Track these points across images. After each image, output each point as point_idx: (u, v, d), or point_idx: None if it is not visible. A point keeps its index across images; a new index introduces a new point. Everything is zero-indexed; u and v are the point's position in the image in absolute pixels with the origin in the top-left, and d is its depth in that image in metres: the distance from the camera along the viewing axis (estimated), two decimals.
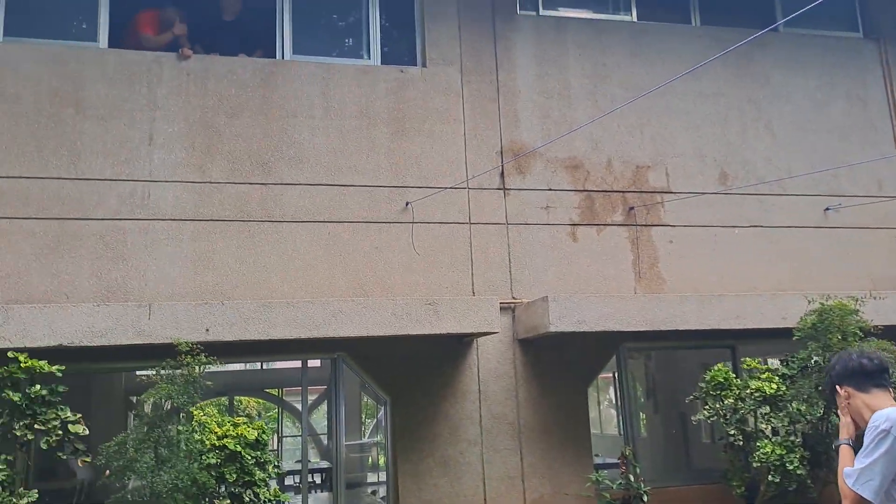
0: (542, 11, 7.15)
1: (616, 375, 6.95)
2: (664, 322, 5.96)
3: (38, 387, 4.89)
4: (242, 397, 9.01)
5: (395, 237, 6.27)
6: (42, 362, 4.89)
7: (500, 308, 5.91)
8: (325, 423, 9.07)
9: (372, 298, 5.83)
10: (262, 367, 7.82)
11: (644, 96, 6.09)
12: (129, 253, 5.71)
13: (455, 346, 6.15)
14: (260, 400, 10.66)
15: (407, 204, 6.32)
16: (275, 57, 6.51)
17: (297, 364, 6.74)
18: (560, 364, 6.34)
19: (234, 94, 6.21)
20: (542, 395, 6.26)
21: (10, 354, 4.86)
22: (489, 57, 6.84)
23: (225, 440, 4.99)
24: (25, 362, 4.87)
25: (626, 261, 6.69)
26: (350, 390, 6.93)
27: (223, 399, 8.69)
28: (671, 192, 6.93)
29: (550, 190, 6.66)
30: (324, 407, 9.28)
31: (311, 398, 8.16)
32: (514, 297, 6.34)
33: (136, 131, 5.93)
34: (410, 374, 6.07)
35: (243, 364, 6.59)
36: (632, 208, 6.78)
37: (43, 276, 5.49)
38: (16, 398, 4.82)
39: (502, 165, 6.56)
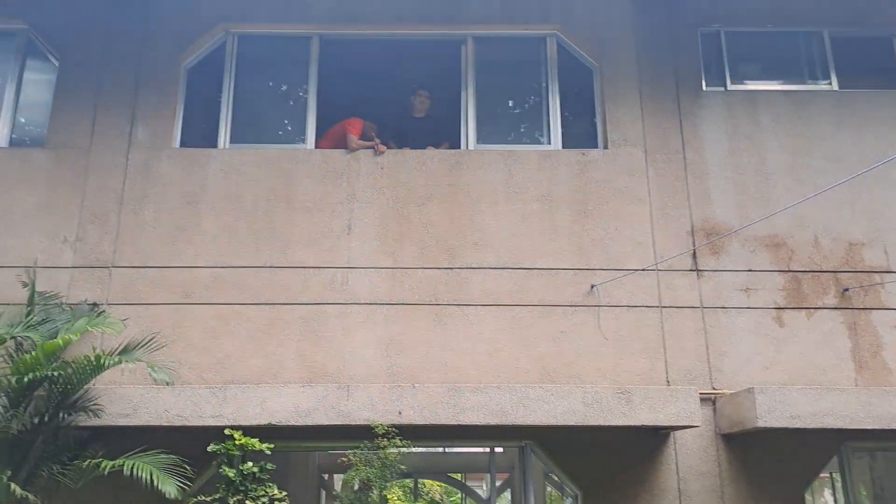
0: (729, 86, 6.87)
1: (836, 477, 6.12)
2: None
3: (250, 464, 5.21)
4: (426, 480, 9.03)
5: (581, 321, 6.11)
6: (254, 440, 5.23)
7: (700, 399, 5.47)
8: None
9: (560, 385, 5.65)
10: (444, 449, 7.84)
11: (860, 172, 5.56)
12: (330, 335, 6.03)
13: (650, 439, 5.76)
14: (443, 484, 10.63)
15: (592, 287, 6.16)
16: (460, 147, 6.78)
17: (480, 448, 6.67)
18: (771, 463, 5.70)
19: (423, 184, 6.50)
20: (752, 497, 5.62)
21: (226, 432, 5.25)
22: (675, 135, 6.64)
23: None
24: (240, 440, 5.24)
25: (843, 349, 5.98)
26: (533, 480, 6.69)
27: (407, 481, 8.77)
28: (892, 272, 6.18)
29: (750, 271, 6.19)
30: (506, 495, 9.05)
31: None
32: (714, 388, 5.86)
33: (337, 222, 6.36)
34: (602, 467, 5.74)
35: (424, 448, 6.66)
36: (846, 290, 6.11)
37: (256, 358, 5.93)
38: (231, 474, 5.16)
39: (694, 246, 6.23)
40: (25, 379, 5.04)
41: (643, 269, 6.13)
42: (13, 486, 4.86)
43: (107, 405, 5.45)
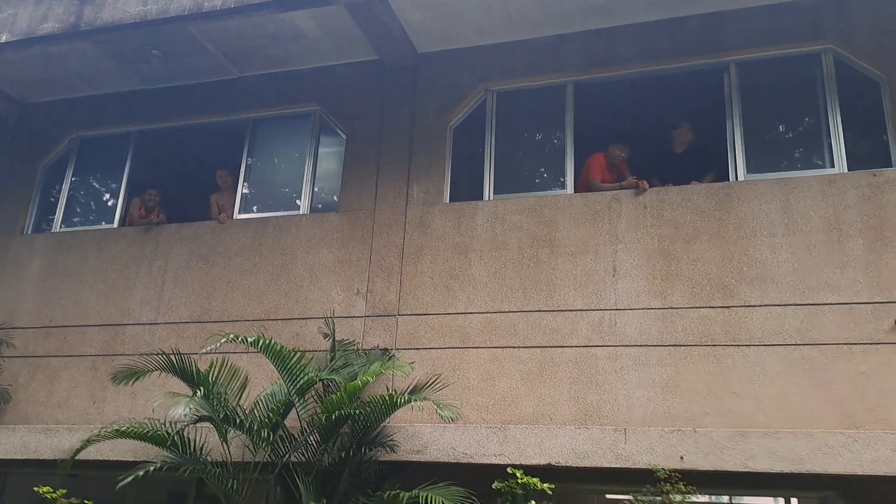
0: None
1: None
2: None
3: (532, 503, 5.79)
4: None
5: (886, 361, 5.86)
6: (535, 479, 5.79)
7: None
8: None
9: (866, 432, 5.49)
10: (730, 500, 7.71)
11: None
12: (601, 378, 6.47)
13: None
14: None
15: None
16: (727, 179, 6.94)
17: (772, 499, 6.58)
18: None
19: (689, 220, 6.76)
20: None
21: (509, 471, 5.89)
22: None
23: None
24: (522, 479, 5.84)
25: None
26: None
27: None
28: None
29: None
30: None
31: None
32: None
33: (600, 264, 6.86)
34: None
35: (708, 497, 6.70)
36: None
37: (530, 399, 6.56)
38: None
39: None
40: (333, 417, 6.16)
41: None
42: None
43: (401, 442, 6.44)
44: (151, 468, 6.14)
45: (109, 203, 9.04)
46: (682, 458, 5.70)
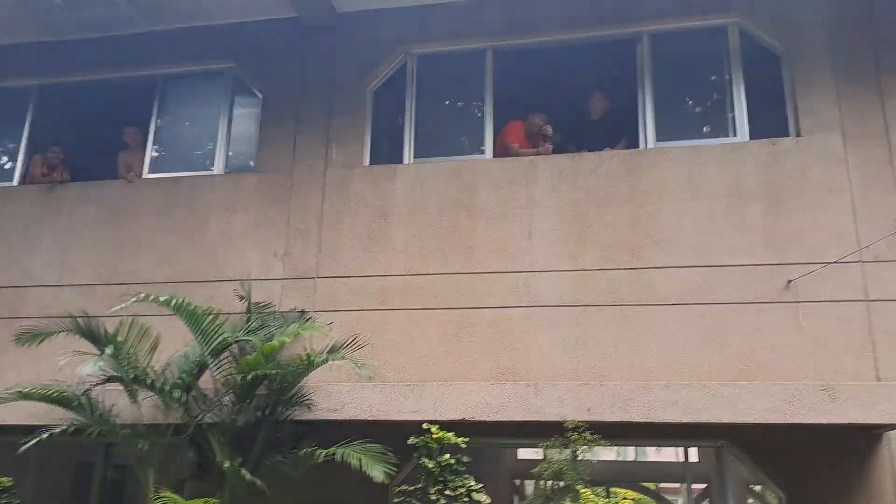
0: None
1: None
2: None
3: (447, 456, 6.01)
4: (618, 489, 9.44)
5: (778, 318, 6.34)
6: (450, 434, 6.02)
7: None
8: None
9: (756, 383, 5.94)
10: (636, 457, 8.23)
11: None
12: (515, 337, 6.73)
13: (859, 440, 5.87)
14: (636, 494, 10.91)
15: (789, 282, 6.38)
16: (638, 146, 7.28)
17: (675, 458, 7.04)
18: None
19: (601, 186, 7.07)
20: None
21: (424, 426, 6.10)
22: (876, 119, 6.70)
23: None
24: (437, 433, 6.06)
25: None
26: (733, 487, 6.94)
27: (599, 490, 9.15)
28: None
29: None
30: None
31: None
32: None
33: (517, 228, 7.09)
34: (808, 468, 5.94)
35: (617, 455, 7.13)
36: None
37: (447, 358, 6.77)
38: (430, 465, 5.99)
39: None
40: (249, 377, 6.19)
41: (844, 262, 6.25)
42: (243, 471, 6.00)
43: (318, 401, 6.53)
44: (57, 430, 6.05)
45: (8, 161, 8.66)
46: (589, 410, 6.02)
